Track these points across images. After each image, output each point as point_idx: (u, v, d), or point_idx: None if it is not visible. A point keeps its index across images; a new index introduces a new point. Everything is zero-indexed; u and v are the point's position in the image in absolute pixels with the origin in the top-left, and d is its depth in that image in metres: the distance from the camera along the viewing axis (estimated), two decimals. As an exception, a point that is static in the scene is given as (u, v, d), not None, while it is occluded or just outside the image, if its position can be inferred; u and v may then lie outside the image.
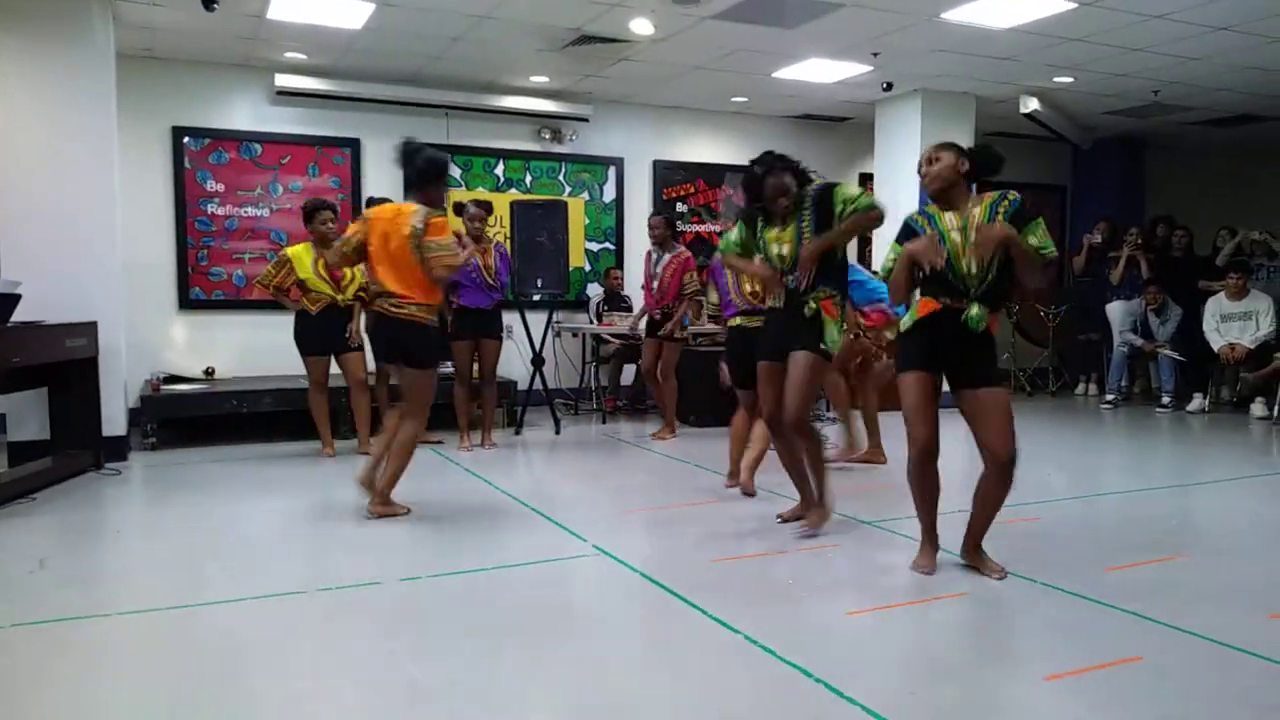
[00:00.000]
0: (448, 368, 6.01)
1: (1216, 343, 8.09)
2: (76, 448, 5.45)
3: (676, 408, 6.99)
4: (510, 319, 6.75)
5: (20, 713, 2.47)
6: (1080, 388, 9.64)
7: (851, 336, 5.15)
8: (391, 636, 2.99)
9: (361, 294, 6.03)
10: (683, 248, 6.92)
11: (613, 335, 8.08)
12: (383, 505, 4.37)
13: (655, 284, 6.73)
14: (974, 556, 3.54)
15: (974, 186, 3.50)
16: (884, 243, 8.73)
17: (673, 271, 6.67)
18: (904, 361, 3.44)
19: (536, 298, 6.82)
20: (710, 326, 7.36)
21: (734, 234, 4.14)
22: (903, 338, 3.48)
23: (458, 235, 5.97)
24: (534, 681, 2.68)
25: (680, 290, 6.68)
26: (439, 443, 6.26)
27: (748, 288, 4.74)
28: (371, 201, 6.50)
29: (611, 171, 8.85)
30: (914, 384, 3.38)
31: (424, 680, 2.64)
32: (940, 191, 3.42)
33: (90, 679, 2.68)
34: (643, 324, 7.16)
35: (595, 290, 8.68)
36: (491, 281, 6.16)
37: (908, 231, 3.48)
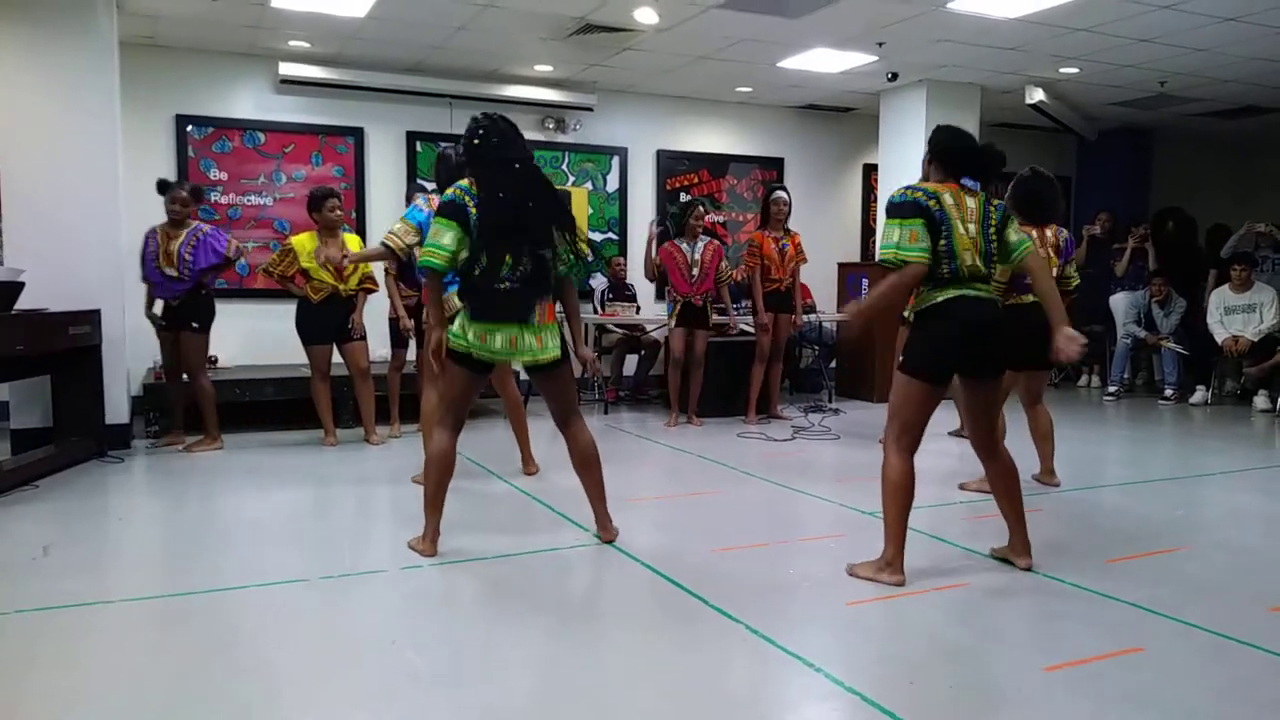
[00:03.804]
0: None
1: (1220, 335, 8.07)
2: (79, 435, 5.46)
3: (682, 398, 7.04)
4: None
5: (23, 698, 2.48)
6: (1083, 379, 9.62)
7: None
8: (393, 624, 3.00)
9: (366, 285, 6.04)
10: (709, 237, 7.10)
11: (616, 325, 8.08)
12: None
13: (695, 270, 6.81)
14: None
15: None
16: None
17: (710, 259, 6.87)
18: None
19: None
20: (717, 318, 7.37)
21: None
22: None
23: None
24: (534, 670, 2.69)
25: (717, 278, 6.93)
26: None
27: None
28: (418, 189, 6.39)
29: (615, 161, 8.84)
30: None
31: (425, 668, 2.65)
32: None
33: (92, 665, 2.69)
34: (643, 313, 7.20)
35: (600, 281, 8.65)
36: (174, 272, 5.64)
37: (915, 208, 3.23)
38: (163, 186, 5.77)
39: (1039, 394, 4.84)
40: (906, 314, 3.46)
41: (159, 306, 5.82)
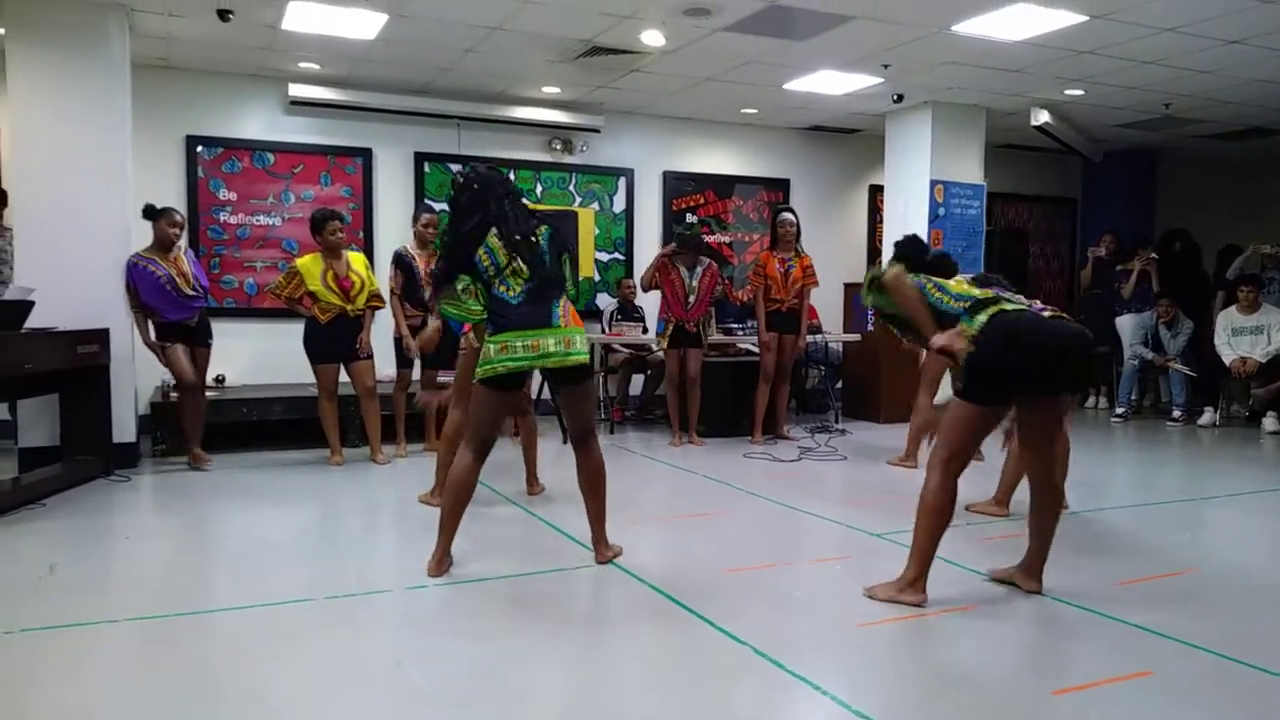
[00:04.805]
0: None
1: (1227, 356, 8.05)
2: (87, 454, 5.47)
3: (684, 419, 7.04)
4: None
5: (27, 717, 2.48)
6: (1090, 401, 9.60)
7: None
8: (398, 645, 3.00)
9: (374, 303, 6.06)
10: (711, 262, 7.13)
11: (622, 345, 8.09)
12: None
13: (692, 297, 6.83)
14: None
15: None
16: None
17: (707, 284, 6.89)
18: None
19: None
20: (718, 337, 7.37)
21: None
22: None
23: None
24: (539, 692, 2.68)
25: (710, 299, 6.98)
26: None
27: None
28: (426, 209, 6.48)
29: (622, 182, 8.88)
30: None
31: (430, 688, 2.64)
32: None
33: (98, 684, 2.69)
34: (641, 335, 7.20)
35: (607, 301, 8.68)
36: (191, 290, 5.78)
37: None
38: (151, 212, 5.73)
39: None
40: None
41: (152, 330, 5.80)
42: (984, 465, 5.35)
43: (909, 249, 3.67)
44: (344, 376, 6.00)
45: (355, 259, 6.06)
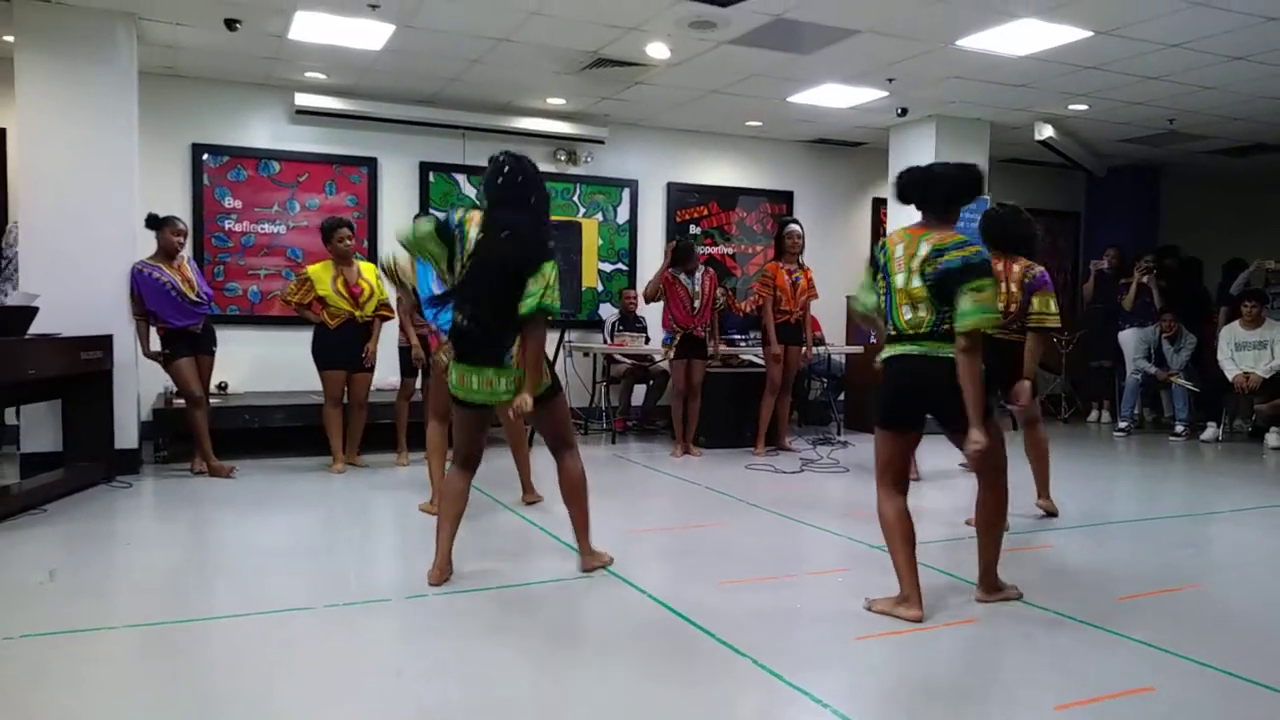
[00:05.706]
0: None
1: (1231, 372, 8.04)
2: (88, 460, 5.48)
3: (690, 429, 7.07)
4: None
5: (27, 723, 2.48)
6: (1093, 415, 9.58)
7: None
8: (397, 654, 2.99)
9: (382, 312, 6.07)
10: (707, 267, 7.20)
11: (625, 355, 8.09)
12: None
13: (696, 303, 6.85)
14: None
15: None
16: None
17: (709, 287, 6.93)
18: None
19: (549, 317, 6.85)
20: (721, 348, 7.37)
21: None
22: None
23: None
24: (540, 702, 2.67)
25: (713, 305, 6.99)
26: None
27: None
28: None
29: (626, 193, 8.89)
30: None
31: (428, 698, 2.64)
32: None
33: (98, 691, 2.68)
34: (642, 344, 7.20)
35: (609, 311, 8.70)
36: (196, 298, 5.79)
37: (870, 257, 3.54)
38: (155, 221, 5.72)
39: (1033, 417, 4.86)
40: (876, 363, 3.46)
41: (155, 341, 5.79)
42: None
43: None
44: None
45: (366, 268, 6.09)
